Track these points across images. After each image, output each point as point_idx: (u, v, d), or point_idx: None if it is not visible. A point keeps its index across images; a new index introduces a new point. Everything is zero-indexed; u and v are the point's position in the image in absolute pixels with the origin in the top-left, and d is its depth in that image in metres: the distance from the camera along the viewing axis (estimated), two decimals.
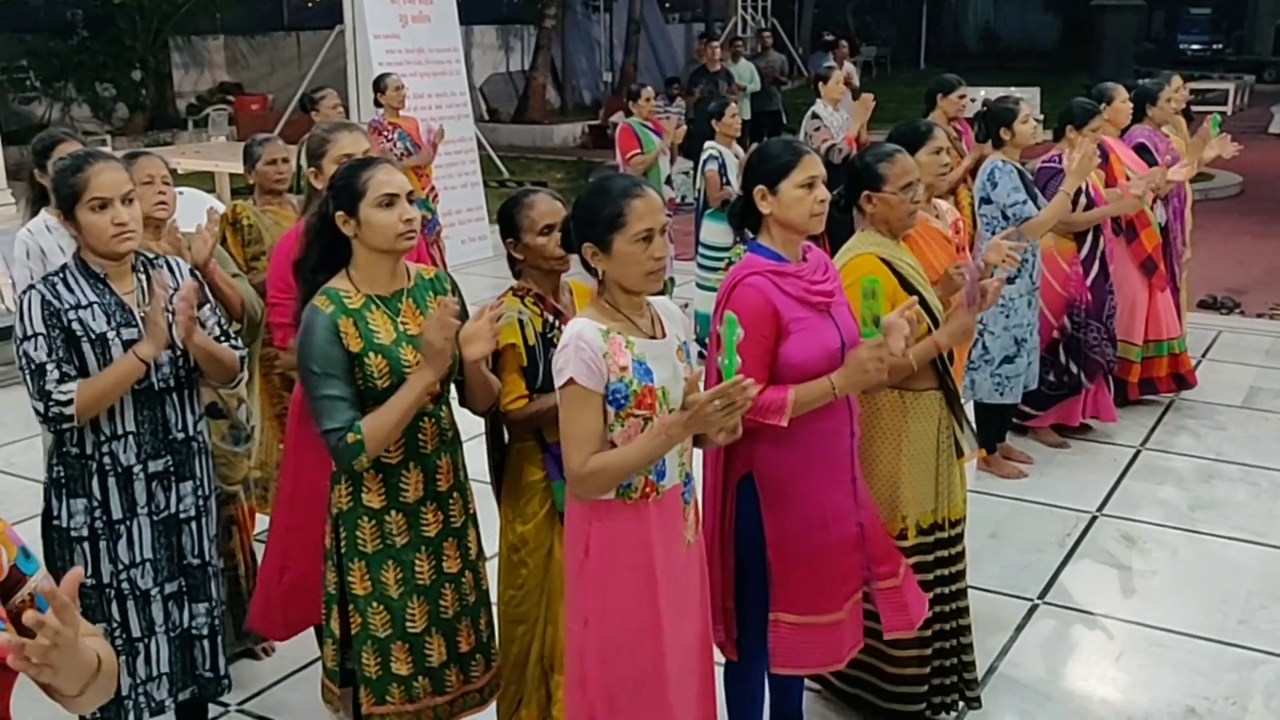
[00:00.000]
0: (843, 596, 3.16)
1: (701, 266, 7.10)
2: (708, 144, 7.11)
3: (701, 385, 2.53)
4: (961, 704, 3.74)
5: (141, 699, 3.11)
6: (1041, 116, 10.00)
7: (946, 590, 3.60)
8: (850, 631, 3.21)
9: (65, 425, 2.93)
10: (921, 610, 3.33)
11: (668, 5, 25.72)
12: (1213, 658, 4.17)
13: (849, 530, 3.15)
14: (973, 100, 7.21)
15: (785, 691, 3.47)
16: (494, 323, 2.85)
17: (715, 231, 7.03)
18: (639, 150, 7.84)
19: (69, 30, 17.21)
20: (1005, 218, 5.16)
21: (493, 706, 3.21)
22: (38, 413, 2.92)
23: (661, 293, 2.80)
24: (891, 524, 3.48)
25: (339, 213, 2.81)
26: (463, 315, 2.95)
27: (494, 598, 3.21)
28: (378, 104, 7.99)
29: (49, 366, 2.89)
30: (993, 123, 5.38)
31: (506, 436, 3.22)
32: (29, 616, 1.46)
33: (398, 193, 2.80)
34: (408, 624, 2.93)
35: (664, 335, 2.73)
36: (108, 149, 9.22)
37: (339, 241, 2.86)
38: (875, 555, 3.23)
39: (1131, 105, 6.39)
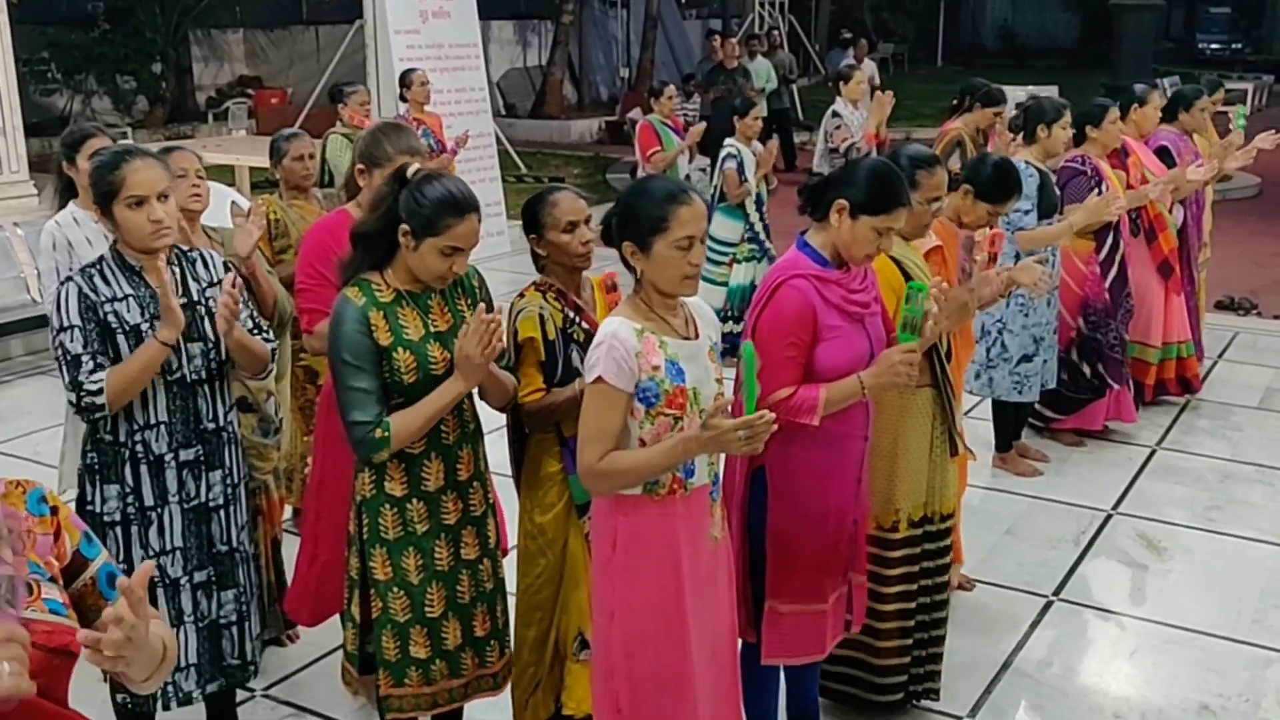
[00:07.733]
0: (830, 588, 3.22)
1: (707, 260, 7.13)
2: (727, 141, 7.15)
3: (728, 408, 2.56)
4: (928, 693, 3.75)
5: (170, 689, 3.15)
6: None
7: (931, 582, 3.66)
8: (834, 622, 3.28)
9: (98, 415, 2.97)
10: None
11: (684, 1, 25.71)
12: (1227, 656, 4.19)
13: (845, 525, 3.22)
14: (997, 115, 7.17)
15: (801, 680, 3.51)
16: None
17: (724, 226, 7.10)
18: (659, 148, 7.88)
19: (90, 23, 17.29)
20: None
21: (507, 692, 3.26)
22: (71, 403, 2.96)
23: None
24: (884, 516, 3.54)
25: (404, 227, 2.83)
26: (488, 307, 3.00)
27: (511, 587, 3.25)
28: (403, 99, 8.04)
29: (84, 358, 2.93)
30: (1033, 118, 5.40)
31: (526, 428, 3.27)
32: (108, 613, 1.52)
33: (463, 248, 2.83)
34: (426, 609, 2.99)
35: (697, 336, 2.76)
36: (130, 142, 9.27)
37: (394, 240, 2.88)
38: (859, 553, 3.32)
39: (1162, 112, 6.38)
